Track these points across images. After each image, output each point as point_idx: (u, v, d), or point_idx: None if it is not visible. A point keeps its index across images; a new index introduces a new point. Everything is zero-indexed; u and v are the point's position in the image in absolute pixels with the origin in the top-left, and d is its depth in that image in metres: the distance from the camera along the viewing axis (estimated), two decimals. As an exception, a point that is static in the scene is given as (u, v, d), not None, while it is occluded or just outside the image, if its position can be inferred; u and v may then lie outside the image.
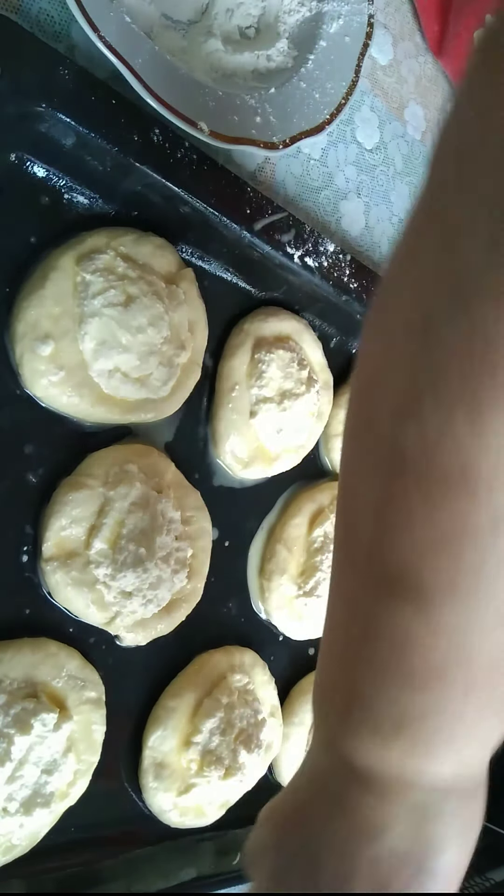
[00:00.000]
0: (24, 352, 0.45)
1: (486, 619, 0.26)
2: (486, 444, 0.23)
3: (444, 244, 0.25)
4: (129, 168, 0.47)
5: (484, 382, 0.23)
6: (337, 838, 0.29)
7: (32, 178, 0.46)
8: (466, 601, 0.26)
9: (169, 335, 0.50)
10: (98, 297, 0.46)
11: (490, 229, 0.23)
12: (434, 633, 0.26)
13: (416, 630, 0.26)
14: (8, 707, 0.43)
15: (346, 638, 0.30)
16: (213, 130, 0.50)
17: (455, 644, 0.26)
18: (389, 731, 0.28)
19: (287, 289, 0.60)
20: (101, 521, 0.48)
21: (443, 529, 0.25)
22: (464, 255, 0.24)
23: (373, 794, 0.28)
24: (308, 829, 0.30)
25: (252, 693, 0.56)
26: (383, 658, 0.27)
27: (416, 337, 0.26)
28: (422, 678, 0.27)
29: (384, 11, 0.75)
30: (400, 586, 0.27)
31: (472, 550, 0.25)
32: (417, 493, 0.26)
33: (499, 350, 0.23)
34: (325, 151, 0.68)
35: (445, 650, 0.26)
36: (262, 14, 0.59)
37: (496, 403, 0.23)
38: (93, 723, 0.47)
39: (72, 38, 0.50)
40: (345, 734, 0.29)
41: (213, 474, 0.58)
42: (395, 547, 0.27)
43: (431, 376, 0.25)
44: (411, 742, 0.27)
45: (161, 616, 0.51)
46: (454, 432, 0.24)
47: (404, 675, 0.27)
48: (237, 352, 0.57)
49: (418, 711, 0.27)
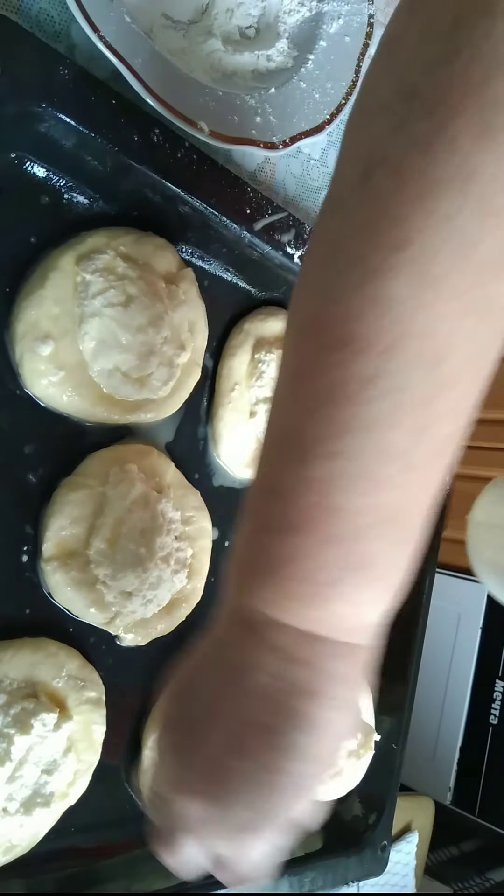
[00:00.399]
0: (24, 352, 0.45)
1: (350, 476, 0.28)
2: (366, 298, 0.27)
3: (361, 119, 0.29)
4: (129, 168, 0.47)
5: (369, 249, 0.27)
6: (212, 675, 0.32)
7: (32, 178, 0.46)
8: (333, 455, 0.28)
9: (169, 335, 0.50)
10: (98, 297, 0.46)
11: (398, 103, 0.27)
12: (303, 483, 0.29)
13: (289, 482, 0.29)
14: (8, 707, 0.43)
15: (246, 503, 0.33)
16: (213, 130, 0.50)
17: (319, 495, 0.28)
18: (262, 575, 0.30)
19: (287, 289, 0.60)
20: (100, 520, 0.48)
21: (322, 383, 0.28)
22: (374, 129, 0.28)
23: (248, 635, 0.31)
24: (193, 668, 0.34)
25: None
26: (261, 509, 0.31)
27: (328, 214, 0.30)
28: (288, 525, 0.29)
29: (384, 11, 0.75)
30: (282, 442, 0.30)
31: (344, 405, 0.28)
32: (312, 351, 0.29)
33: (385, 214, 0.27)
34: (325, 151, 0.68)
35: (311, 499, 0.28)
36: (262, 14, 0.59)
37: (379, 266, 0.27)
38: (93, 723, 0.47)
39: (72, 38, 0.50)
40: (233, 585, 0.32)
41: (213, 474, 0.58)
42: (283, 404, 0.31)
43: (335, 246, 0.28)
44: (279, 584, 0.30)
45: (161, 616, 0.51)
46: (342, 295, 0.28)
47: (276, 523, 0.30)
48: (237, 352, 0.58)
49: (284, 556, 0.29)
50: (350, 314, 0.27)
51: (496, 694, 1.27)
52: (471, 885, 1.09)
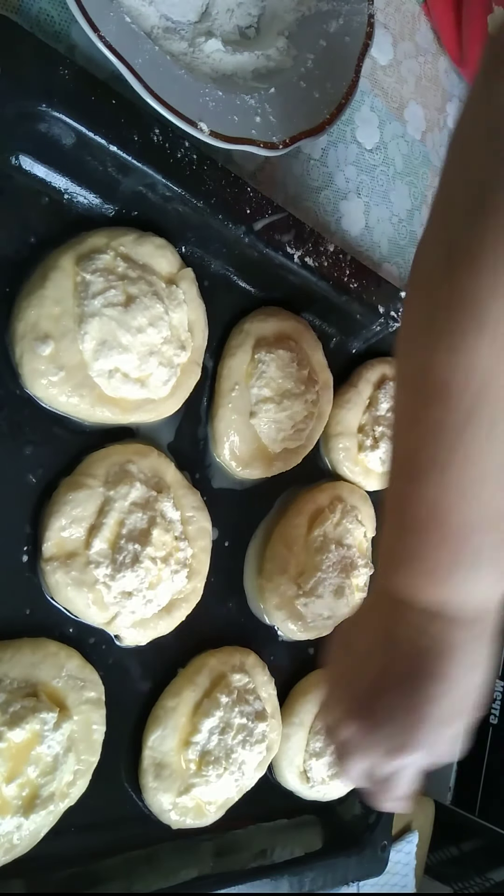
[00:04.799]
0: (24, 352, 0.45)
1: (452, 497, 0.36)
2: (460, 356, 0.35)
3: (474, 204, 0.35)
4: (129, 168, 0.47)
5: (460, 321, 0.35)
6: (369, 630, 0.42)
7: (32, 178, 0.46)
8: (437, 481, 0.36)
9: (169, 335, 0.50)
10: (98, 297, 0.46)
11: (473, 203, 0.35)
12: (418, 501, 0.38)
13: (408, 499, 0.38)
14: (7, 706, 0.43)
15: (385, 508, 0.41)
16: (213, 130, 0.50)
17: (429, 511, 0.37)
18: (399, 565, 0.40)
19: (287, 289, 0.60)
20: (100, 520, 0.48)
21: (428, 425, 0.36)
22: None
23: (391, 606, 0.40)
24: (352, 626, 0.45)
25: (252, 692, 0.56)
26: (392, 518, 0.40)
27: (421, 293, 0.39)
28: (410, 530, 0.38)
29: (384, 11, 0.75)
30: (402, 467, 0.39)
31: (444, 443, 0.36)
32: (421, 399, 0.37)
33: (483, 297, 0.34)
34: (325, 151, 0.68)
35: (424, 514, 0.37)
36: (262, 14, 0.59)
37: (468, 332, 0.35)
38: (93, 723, 0.47)
39: (72, 38, 0.50)
40: (381, 570, 0.42)
41: (213, 475, 0.58)
42: (401, 439, 0.40)
43: (428, 317, 0.37)
44: (410, 573, 0.39)
45: (161, 616, 0.51)
46: (438, 352, 0.36)
47: (402, 529, 0.39)
48: (237, 352, 0.57)
49: (410, 553, 0.39)
50: (447, 371, 0.35)
51: (496, 694, 1.26)
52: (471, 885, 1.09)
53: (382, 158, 0.74)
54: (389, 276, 0.74)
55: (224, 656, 0.56)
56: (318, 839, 0.66)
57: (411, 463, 0.38)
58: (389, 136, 0.75)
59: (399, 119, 0.76)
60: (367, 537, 0.67)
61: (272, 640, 0.63)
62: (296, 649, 0.64)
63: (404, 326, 0.42)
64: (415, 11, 0.78)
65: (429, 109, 0.80)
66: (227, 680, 0.55)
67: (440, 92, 0.82)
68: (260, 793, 0.58)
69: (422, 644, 0.38)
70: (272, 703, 0.59)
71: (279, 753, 0.61)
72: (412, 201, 0.78)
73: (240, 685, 0.55)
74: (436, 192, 0.40)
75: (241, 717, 0.54)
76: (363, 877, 0.67)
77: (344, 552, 0.63)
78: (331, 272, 0.60)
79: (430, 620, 0.38)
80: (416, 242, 0.78)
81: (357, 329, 0.67)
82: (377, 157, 0.74)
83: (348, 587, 0.62)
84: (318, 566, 0.61)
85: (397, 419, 0.42)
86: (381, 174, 0.74)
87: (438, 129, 0.82)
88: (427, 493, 0.37)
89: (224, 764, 0.52)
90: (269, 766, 0.61)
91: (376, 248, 0.74)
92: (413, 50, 0.78)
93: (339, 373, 0.67)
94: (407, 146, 0.77)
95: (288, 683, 0.64)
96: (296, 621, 0.61)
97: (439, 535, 0.37)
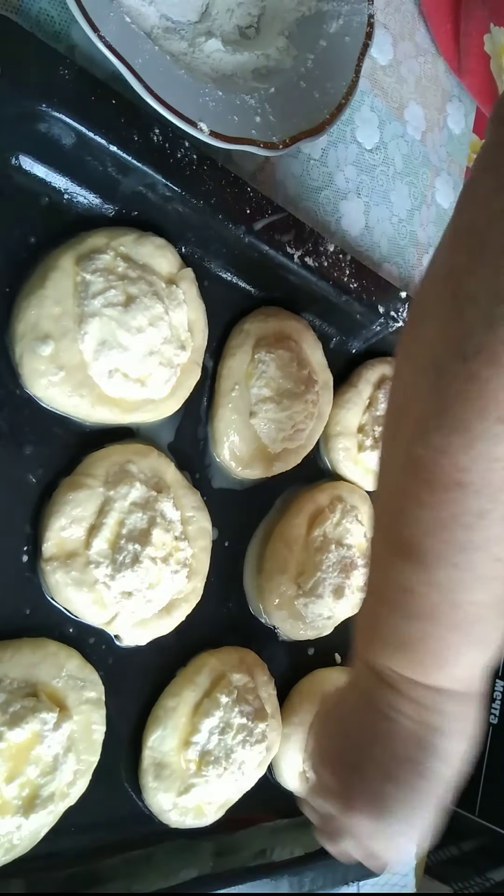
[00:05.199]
0: (24, 352, 0.45)
1: (467, 581, 0.36)
2: (476, 456, 0.33)
3: (453, 310, 0.34)
4: (129, 168, 0.47)
5: (474, 420, 0.33)
6: (364, 718, 0.42)
7: (32, 178, 0.46)
8: (454, 566, 0.36)
9: (169, 335, 0.50)
10: (98, 297, 0.46)
11: (489, 303, 0.32)
12: (428, 586, 0.37)
13: (417, 584, 0.37)
14: (7, 706, 0.43)
15: (371, 587, 0.42)
16: (213, 130, 0.50)
17: (443, 595, 0.37)
18: (398, 648, 0.40)
19: (287, 289, 0.60)
20: (100, 520, 0.48)
21: (441, 514, 0.35)
22: (467, 321, 0.33)
23: (389, 690, 0.40)
24: (343, 712, 0.45)
25: (252, 692, 0.56)
26: (393, 600, 0.39)
27: (428, 381, 0.35)
28: (418, 615, 0.38)
29: (384, 11, 0.75)
30: (408, 552, 0.37)
31: (461, 531, 0.35)
32: (426, 488, 0.35)
33: (487, 395, 0.32)
34: (325, 151, 0.68)
35: (437, 598, 0.37)
36: (262, 14, 0.59)
37: (483, 434, 0.33)
38: (93, 723, 0.47)
39: (72, 38, 0.50)
40: (370, 650, 0.42)
41: (213, 475, 0.58)
42: (407, 524, 0.37)
43: (438, 410, 0.34)
44: (412, 656, 0.39)
45: (161, 616, 0.51)
46: (452, 451, 0.34)
47: (408, 613, 0.38)
48: (237, 352, 0.57)
49: (415, 637, 0.38)
50: (461, 466, 0.34)
51: (496, 694, 1.26)
52: (471, 885, 1.09)
53: (382, 158, 0.74)
54: (389, 276, 0.74)
55: (224, 656, 0.56)
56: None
57: (421, 550, 0.37)
58: (389, 136, 0.75)
59: (399, 119, 0.76)
60: (367, 537, 0.67)
61: (272, 640, 0.63)
62: (296, 649, 0.64)
63: (409, 419, 0.39)
64: (414, 12, 0.78)
65: (429, 109, 0.80)
66: (226, 680, 0.55)
67: (440, 92, 0.82)
68: (260, 793, 0.58)
69: (425, 722, 0.39)
70: (272, 703, 0.59)
71: (279, 753, 0.61)
72: (412, 201, 0.78)
73: (240, 685, 0.55)
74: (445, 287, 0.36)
75: (241, 717, 0.54)
76: (363, 877, 0.67)
77: (344, 552, 0.63)
78: (331, 272, 0.60)
79: (429, 697, 0.39)
80: (416, 242, 0.79)
81: (357, 329, 0.67)
82: (377, 157, 0.74)
83: (348, 587, 0.62)
84: (318, 566, 0.61)
85: (405, 508, 0.39)
86: (381, 174, 0.74)
87: (438, 129, 0.82)
88: (440, 580, 0.37)
89: (224, 764, 0.52)
90: (269, 766, 0.61)
91: (376, 248, 0.74)
92: (413, 50, 0.78)
93: (339, 373, 0.67)
94: (407, 146, 0.77)
95: (288, 683, 0.64)
96: (296, 621, 0.61)
97: (452, 618, 0.37)
